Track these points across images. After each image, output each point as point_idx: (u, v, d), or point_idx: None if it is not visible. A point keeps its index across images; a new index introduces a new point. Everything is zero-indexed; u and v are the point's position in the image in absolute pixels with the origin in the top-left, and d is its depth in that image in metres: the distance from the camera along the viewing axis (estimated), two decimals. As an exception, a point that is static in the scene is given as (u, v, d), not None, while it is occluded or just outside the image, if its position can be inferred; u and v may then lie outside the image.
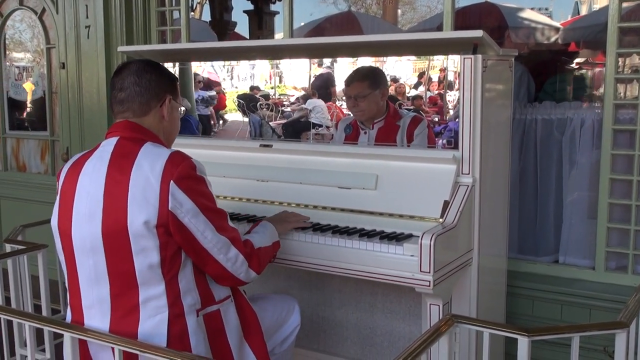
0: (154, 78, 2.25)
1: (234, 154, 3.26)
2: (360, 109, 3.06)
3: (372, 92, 3.02)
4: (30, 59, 5.33)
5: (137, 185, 2.05)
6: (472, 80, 2.66)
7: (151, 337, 2.06)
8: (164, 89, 2.28)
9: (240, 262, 2.21)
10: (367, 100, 3.03)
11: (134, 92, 2.22)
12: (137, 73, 2.24)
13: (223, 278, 2.22)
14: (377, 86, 3.01)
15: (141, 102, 2.23)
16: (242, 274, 2.23)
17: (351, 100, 3.08)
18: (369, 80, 3.03)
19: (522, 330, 1.99)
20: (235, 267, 2.20)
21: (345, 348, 3.29)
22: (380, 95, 3.02)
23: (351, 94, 3.07)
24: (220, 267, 2.18)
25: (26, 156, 5.46)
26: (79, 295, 2.18)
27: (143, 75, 2.23)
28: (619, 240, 3.33)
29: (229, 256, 2.18)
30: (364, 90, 3.04)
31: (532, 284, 3.41)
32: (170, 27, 4.54)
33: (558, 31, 5.96)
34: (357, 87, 3.06)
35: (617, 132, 3.26)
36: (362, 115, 3.07)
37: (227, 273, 2.20)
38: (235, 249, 2.19)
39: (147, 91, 2.23)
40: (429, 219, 2.66)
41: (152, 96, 2.24)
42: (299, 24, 6.72)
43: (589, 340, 3.15)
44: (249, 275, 2.26)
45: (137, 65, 2.27)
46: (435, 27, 5.57)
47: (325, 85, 3.16)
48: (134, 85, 2.22)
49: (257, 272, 2.28)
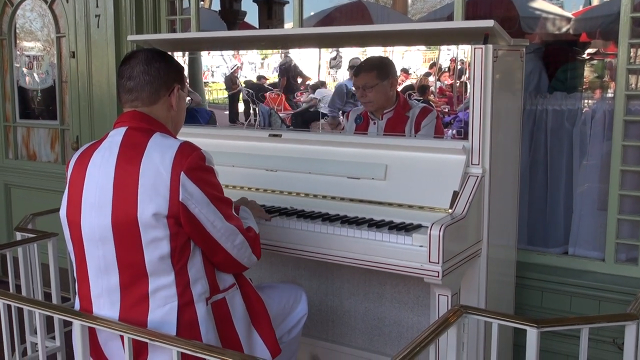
0: (163, 67, 2.25)
1: (243, 144, 3.26)
2: (368, 100, 3.05)
3: (380, 82, 3.01)
4: (41, 48, 5.33)
5: (147, 177, 2.05)
6: (482, 71, 2.65)
7: (161, 326, 2.07)
8: (172, 78, 2.28)
9: (245, 248, 2.24)
10: (375, 91, 3.02)
11: (144, 81, 2.22)
12: (146, 62, 2.23)
13: (228, 265, 2.24)
14: (386, 76, 3.00)
15: (150, 91, 2.23)
16: (245, 259, 2.27)
17: (359, 91, 3.07)
18: (377, 71, 3.02)
19: (531, 322, 1.99)
20: (240, 253, 2.24)
21: (354, 338, 3.29)
22: (389, 86, 3.00)
23: (359, 85, 3.06)
24: (228, 255, 2.20)
25: (36, 145, 5.48)
26: (88, 284, 2.19)
27: (152, 64, 2.23)
28: (630, 232, 3.31)
29: (235, 243, 2.20)
30: (371, 80, 3.03)
31: (541, 275, 3.40)
32: (180, 17, 4.54)
33: (569, 21, 5.90)
34: (364, 78, 3.05)
35: (629, 123, 3.23)
36: (370, 106, 3.06)
37: (233, 260, 2.23)
38: (241, 235, 2.22)
39: (156, 80, 2.23)
40: (438, 209, 2.66)
41: (161, 85, 2.24)
42: (308, 14, 6.69)
43: (598, 332, 3.14)
44: (251, 260, 2.30)
45: (146, 54, 2.26)
46: (446, 17, 5.53)
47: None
48: (143, 74, 2.22)
49: (257, 257, 2.33)
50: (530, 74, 4.30)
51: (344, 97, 3.15)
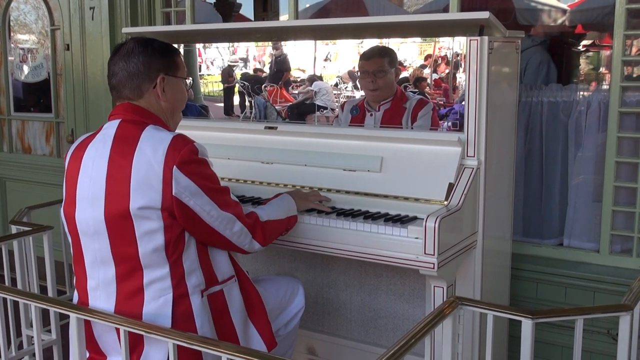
0: (141, 60, 2.20)
1: (238, 136, 3.26)
2: (377, 86, 2.98)
3: (390, 70, 2.97)
4: (35, 40, 5.31)
5: (139, 170, 2.04)
6: (478, 62, 2.64)
7: (156, 318, 2.07)
8: (155, 69, 2.22)
9: (244, 235, 2.25)
10: (385, 79, 2.97)
11: (123, 78, 2.20)
12: (126, 57, 2.20)
13: (229, 249, 2.27)
14: (394, 65, 2.97)
15: (132, 87, 2.20)
16: (246, 245, 2.27)
17: (369, 76, 2.99)
18: (389, 57, 2.97)
19: (526, 313, 2.00)
20: (240, 239, 2.24)
21: (349, 330, 3.30)
22: (394, 75, 2.97)
23: (370, 69, 2.99)
24: (227, 241, 2.21)
25: (31, 138, 5.47)
26: (85, 277, 2.19)
27: (131, 59, 2.19)
28: (624, 223, 3.32)
29: (234, 231, 2.20)
30: (384, 66, 2.97)
31: (536, 267, 3.41)
32: (175, 9, 4.52)
33: (565, 13, 5.90)
34: (377, 63, 2.99)
35: (624, 115, 3.24)
36: (375, 95, 2.99)
37: (233, 245, 2.24)
38: (239, 222, 2.22)
39: (135, 76, 2.19)
40: (433, 201, 2.66)
41: (142, 80, 2.20)
42: (304, 6, 6.67)
43: (593, 323, 3.15)
44: (253, 246, 2.30)
45: (127, 47, 2.22)
46: (442, 9, 5.51)
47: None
48: (122, 70, 2.20)
49: (261, 243, 2.32)
50: (539, 65, 4.29)
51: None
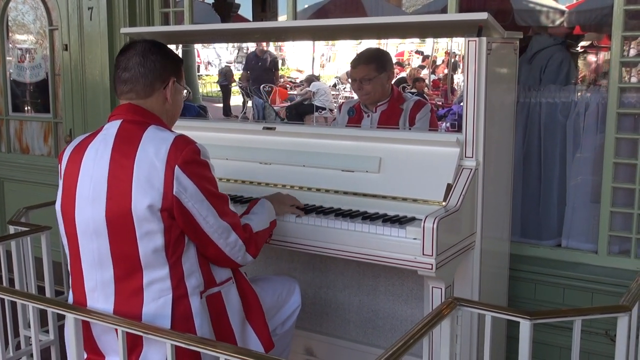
0: (159, 59, 2.25)
1: (237, 137, 3.25)
2: (365, 92, 3.03)
3: (378, 75, 3.00)
4: (33, 40, 5.31)
5: (141, 170, 2.05)
6: (476, 63, 2.65)
7: (155, 319, 2.07)
8: (168, 71, 2.27)
9: (238, 247, 2.23)
10: (373, 84, 3.00)
11: (139, 73, 2.22)
12: (143, 53, 2.23)
13: (220, 260, 2.24)
14: (384, 69, 2.98)
15: (145, 84, 2.22)
16: (239, 257, 2.26)
17: (356, 83, 3.05)
18: (375, 63, 3.00)
19: (524, 314, 2.00)
20: (234, 251, 2.23)
21: (347, 330, 3.30)
22: (386, 79, 2.99)
23: (356, 77, 3.05)
24: (219, 251, 2.20)
25: (29, 138, 5.46)
26: (82, 278, 2.18)
27: (148, 56, 2.23)
28: (622, 224, 3.32)
29: (228, 241, 2.20)
30: (369, 73, 3.01)
31: (534, 268, 3.41)
32: (174, 9, 4.52)
33: (563, 14, 5.91)
34: (363, 70, 3.03)
35: (622, 116, 3.24)
36: (367, 99, 3.04)
37: (225, 256, 2.22)
38: (235, 234, 2.21)
39: (151, 72, 2.23)
40: (432, 202, 2.66)
41: (156, 78, 2.24)
42: (302, 6, 6.67)
43: (591, 324, 3.15)
44: (246, 259, 2.29)
45: (143, 45, 2.26)
46: (440, 9, 5.52)
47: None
48: (138, 65, 2.22)
49: (253, 256, 2.32)
50: (561, 64, 4.28)
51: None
